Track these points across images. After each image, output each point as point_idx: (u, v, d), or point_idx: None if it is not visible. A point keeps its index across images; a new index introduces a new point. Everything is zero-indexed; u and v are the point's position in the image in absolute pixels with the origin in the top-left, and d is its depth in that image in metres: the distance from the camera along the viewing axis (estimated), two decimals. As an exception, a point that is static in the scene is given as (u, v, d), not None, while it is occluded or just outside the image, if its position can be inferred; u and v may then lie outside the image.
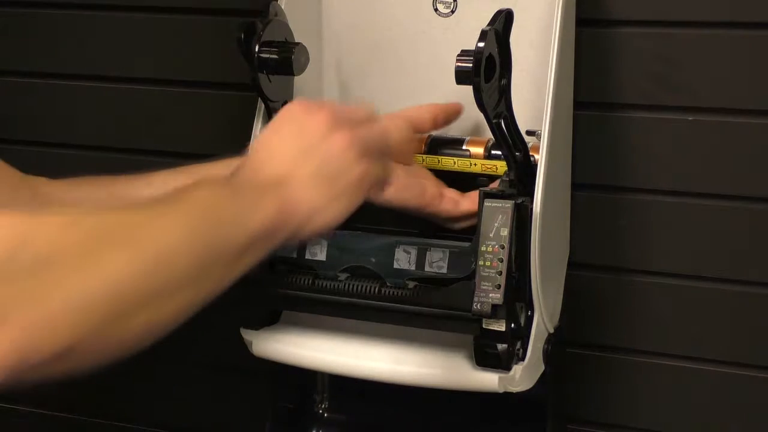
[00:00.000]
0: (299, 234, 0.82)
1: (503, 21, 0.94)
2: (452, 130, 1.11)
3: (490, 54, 0.92)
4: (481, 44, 0.91)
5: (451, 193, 1.05)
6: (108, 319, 0.66)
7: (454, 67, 0.92)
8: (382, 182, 0.88)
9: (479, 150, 1.06)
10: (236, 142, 0.98)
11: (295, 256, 1.05)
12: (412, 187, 1.03)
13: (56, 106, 1.44)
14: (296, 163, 0.82)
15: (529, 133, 1.02)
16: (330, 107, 0.85)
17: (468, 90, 0.92)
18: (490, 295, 0.95)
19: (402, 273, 1.01)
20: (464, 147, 1.07)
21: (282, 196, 0.80)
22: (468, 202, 1.04)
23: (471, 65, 0.91)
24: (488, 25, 0.93)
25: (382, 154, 0.87)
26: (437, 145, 1.08)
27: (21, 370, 0.63)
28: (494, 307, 0.95)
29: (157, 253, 0.70)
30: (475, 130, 1.10)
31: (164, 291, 0.71)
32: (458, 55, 0.92)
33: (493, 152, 1.06)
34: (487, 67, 0.92)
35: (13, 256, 0.63)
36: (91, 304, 0.65)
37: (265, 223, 0.79)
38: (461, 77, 0.92)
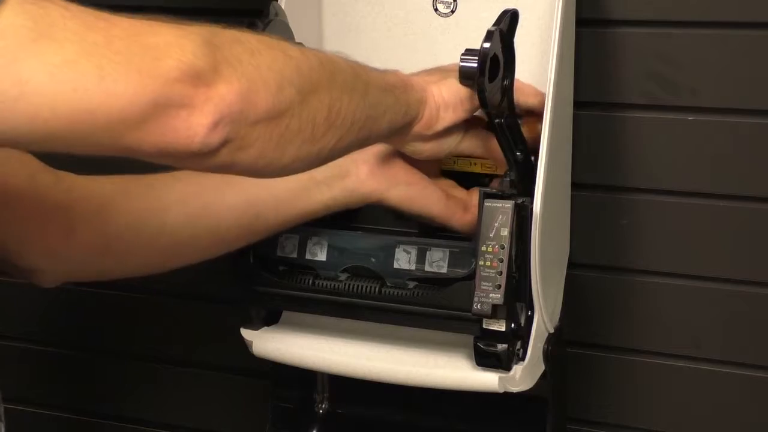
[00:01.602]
0: (437, 119, 0.94)
1: (509, 21, 0.94)
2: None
3: (494, 54, 0.92)
4: (487, 44, 0.91)
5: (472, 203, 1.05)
6: (300, 91, 0.75)
7: (458, 66, 0.92)
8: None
9: None
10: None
11: (295, 256, 1.05)
12: (434, 196, 1.04)
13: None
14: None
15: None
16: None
17: (468, 90, 0.92)
18: (490, 295, 0.95)
19: (402, 273, 1.01)
20: None
21: (422, 92, 0.93)
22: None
23: (476, 65, 0.91)
24: (494, 24, 0.93)
25: None
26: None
27: (245, 122, 0.71)
28: (494, 307, 0.95)
29: (323, 57, 0.81)
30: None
31: (334, 83, 0.80)
32: (462, 54, 0.92)
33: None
34: (491, 67, 0.92)
35: (220, 34, 0.73)
36: (286, 75, 0.74)
37: (402, 79, 0.91)
38: (466, 76, 0.92)
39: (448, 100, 0.94)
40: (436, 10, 1.11)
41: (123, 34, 0.67)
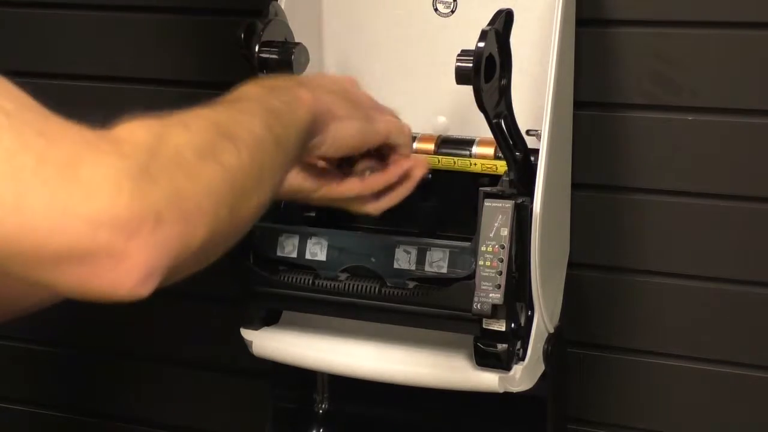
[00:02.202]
0: (324, 130, 0.88)
1: (503, 21, 0.94)
2: (451, 133, 1.11)
3: (490, 54, 0.92)
4: (481, 44, 0.91)
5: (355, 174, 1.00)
6: (233, 207, 0.71)
7: (454, 67, 0.92)
8: (392, 139, 0.95)
9: (489, 151, 1.06)
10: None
11: (295, 256, 1.05)
12: (309, 172, 0.99)
13: (56, 107, 1.44)
14: (323, 84, 0.91)
15: (529, 133, 1.02)
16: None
17: (468, 89, 0.92)
18: (490, 295, 0.95)
19: (402, 273, 1.01)
20: (474, 148, 1.07)
21: (312, 92, 0.86)
22: (373, 179, 0.99)
23: (471, 65, 0.91)
24: (488, 25, 0.93)
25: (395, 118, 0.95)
26: (447, 145, 1.08)
27: (177, 264, 0.65)
28: (494, 307, 0.95)
29: (251, 143, 0.75)
30: (475, 130, 1.10)
31: (262, 177, 0.76)
32: (458, 55, 0.92)
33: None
34: (487, 67, 0.92)
35: (158, 157, 0.66)
36: (221, 194, 0.70)
37: (308, 109, 0.85)
38: (461, 77, 0.92)
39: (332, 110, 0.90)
40: (436, 10, 1.11)
41: (59, 160, 0.61)
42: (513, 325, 0.98)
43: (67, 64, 1.41)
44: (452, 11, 1.10)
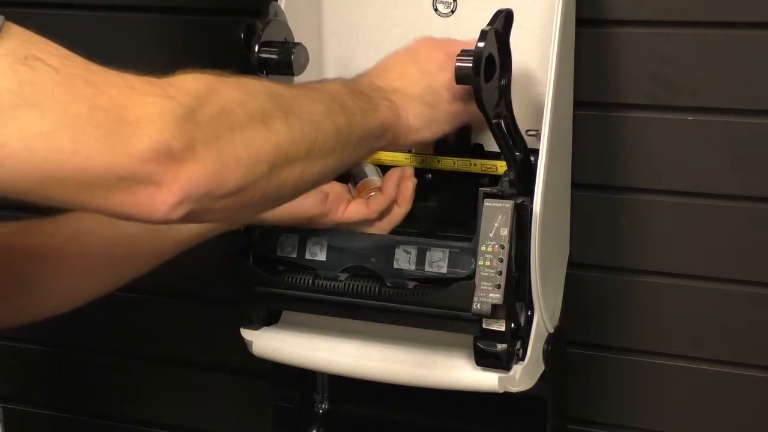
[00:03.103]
0: (397, 142, 0.95)
1: (503, 21, 0.94)
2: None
3: (490, 54, 0.92)
4: (481, 44, 0.91)
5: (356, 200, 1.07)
6: (273, 167, 0.76)
7: (454, 67, 0.92)
8: (475, 120, 1.00)
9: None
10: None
11: (295, 256, 1.05)
12: (317, 199, 1.04)
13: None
14: (409, 82, 0.96)
15: (529, 133, 1.02)
16: (452, 47, 0.98)
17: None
18: (490, 295, 0.95)
19: (402, 273, 1.01)
20: None
21: (393, 104, 0.93)
22: (377, 201, 1.05)
23: (471, 65, 0.91)
24: (488, 24, 0.93)
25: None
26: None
27: (209, 199, 0.71)
28: (494, 307, 0.95)
29: (309, 122, 0.80)
30: (475, 130, 1.10)
31: (311, 153, 0.80)
32: (458, 55, 0.92)
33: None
34: (487, 67, 0.92)
35: (205, 104, 0.72)
36: (262, 154, 0.75)
37: (378, 121, 0.90)
38: (461, 77, 0.92)
39: (415, 125, 0.96)
40: (436, 10, 1.11)
41: (108, 104, 0.68)
42: (513, 325, 0.98)
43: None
44: (452, 11, 1.10)
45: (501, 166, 1.02)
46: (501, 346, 0.98)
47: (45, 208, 0.74)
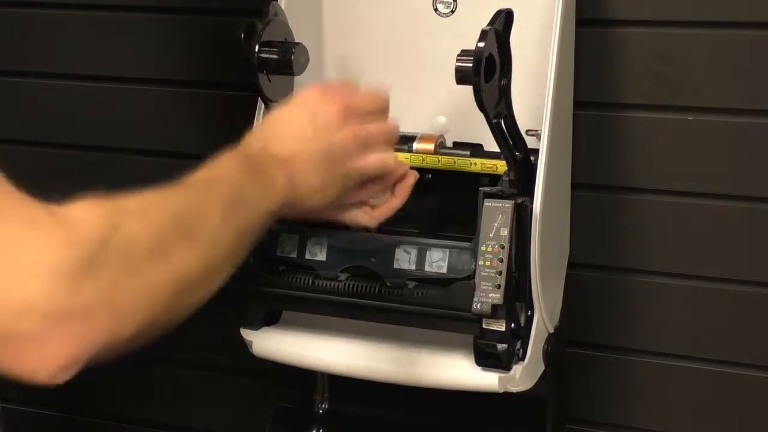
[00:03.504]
0: (292, 210, 0.92)
1: (503, 21, 0.94)
2: (451, 133, 1.11)
3: (490, 54, 0.92)
4: (481, 44, 0.91)
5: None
6: (172, 299, 0.73)
7: (454, 67, 0.92)
8: (376, 173, 0.98)
9: (429, 146, 1.07)
10: (236, 142, 0.98)
11: (295, 256, 1.05)
12: None
13: (56, 107, 1.44)
14: (304, 145, 0.92)
15: (529, 133, 1.02)
16: (345, 99, 0.95)
17: (468, 90, 0.92)
18: (490, 295, 0.95)
19: (402, 273, 1.01)
20: (415, 144, 1.07)
21: (289, 173, 0.90)
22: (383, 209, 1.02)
23: (471, 65, 0.91)
24: (488, 25, 0.93)
25: (383, 148, 0.97)
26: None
27: (104, 351, 0.67)
28: (494, 307, 0.95)
29: (206, 240, 0.77)
30: (475, 130, 1.10)
31: (213, 271, 0.78)
32: (458, 55, 0.92)
33: (442, 150, 1.07)
34: (487, 67, 0.92)
35: (107, 247, 0.66)
36: (162, 293, 0.72)
37: (278, 199, 0.88)
38: (461, 77, 0.92)
39: (308, 193, 0.93)
40: (436, 10, 1.11)
41: (4, 239, 0.62)
42: (513, 325, 0.98)
43: (66, 64, 1.41)
44: (452, 11, 1.10)
45: (501, 166, 1.02)
46: (501, 346, 0.98)
47: None
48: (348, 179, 0.95)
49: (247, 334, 1.09)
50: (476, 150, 1.08)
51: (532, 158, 1.00)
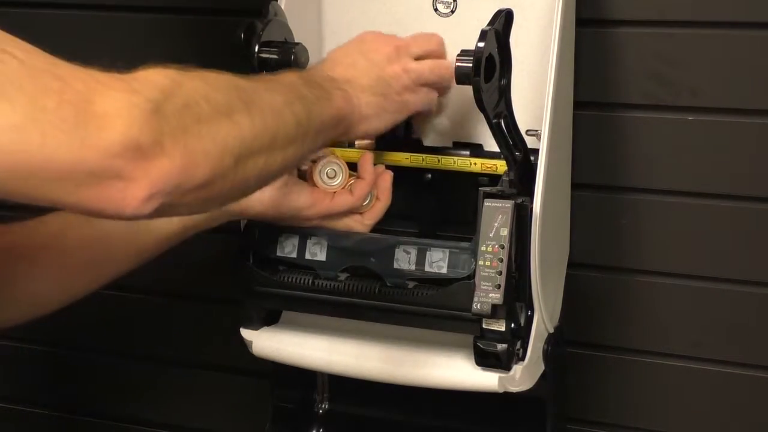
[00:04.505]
0: (350, 132, 0.98)
1: (503, 21, 0.94)
2: (449, 132, 1.11)
3: (490, 54, 0.92)
4: (481, 44, 0.91)
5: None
6: (239, 159, 0.76)
7: (454, 66, 0.92)
8: (423, 110, 1.05)
9: (370, 141, 1.09)
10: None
11: (294, 256, 1.05)
12: (303, 190, 1.04)
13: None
14: (359, 73, 0.99)
15: (529, 133, 1.02)
16: (398, 40, 1.04)
17: (468, 90, 0.92)
18: (490, 295, 0.95)
19: (402, 273, 1.01)
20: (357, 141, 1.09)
21: (346, 93, 0.96)
22: (360, 187, 1.05)
23: (471, 65, 0.91)
24: (488, 24, 0.93)
25: (429, 88, 1.04)
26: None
27: (178, 193, 0.71)
28: (494, 307, 0.95)
29: (268, 113, 0.82)
30: (475, 130, 1.10)
31: (274, 144, 0.82)
32: (458, 55, 0.92)
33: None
34: (487, 67, 0.92)
35: (171, 98, 0.72)
36: (228, 146, 0.75)
37: (334, 110, 0.93)
38: (461, 77, 0.92)
39: (367, 114, 0.99)
40: (436, 10, 1.11)
41: (75, 98, 0.68)
42: (513, 325, 0.98)
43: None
44: (452, 11, 1.10)
45: (501, 166, 1.02)
46: (501, 346, 0.98)
47: (35, 208, 0.74)
48: (402, 109, 1.02)
49: (247, 334, 1.09)
50: (476, 150, 1.08)
51: (532, 158, 1.00)
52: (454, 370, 1.01)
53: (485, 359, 0.99)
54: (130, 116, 0.68)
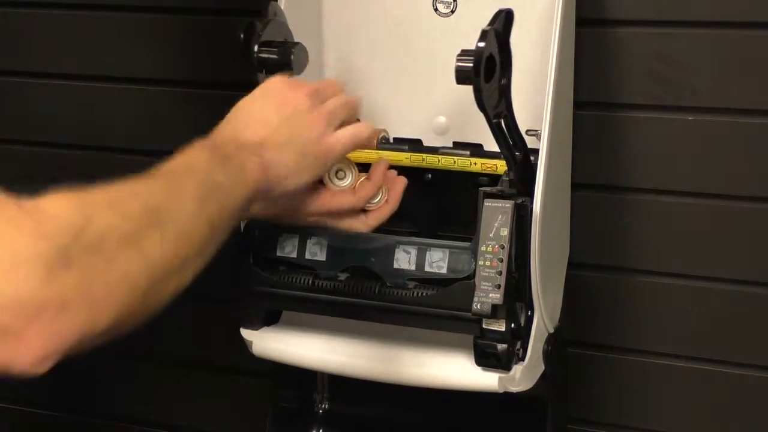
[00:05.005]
0: (269, 195, 0.92)
1: (503, 21, 0.94)
2: (449, 132, 1.11)
3: (490, 54, 0.92)
4: (482, 44, 0.91)
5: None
6: (147, 292, 0.73)
7: (454, 67, 0.92)
8: (356, 146, 1.00)
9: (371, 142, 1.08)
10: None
11: (294, 256, 1.05)
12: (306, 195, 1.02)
13: (56, 107, 1.44)
14: (274, 130, 0.93)
15: (529, 133, 1.02)
16: (309, 85, 0.98)
17: (468, 89, 0.92)
18: (490, 295, 0.95)
19: (402, 273, 1.01)
20: None
21: (262, 159, 0.90)
22: (364, 188, 1.03)
23: (471, 65, 0.91)
24: (488, 24, 0.93)
25: (349, 119, 0.99)
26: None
27: (81, 344, 0.67)
28: (494, 307, 0.95)
29: (179, 232, 0.77)
30: (475, 130, 1.10)
31: (186, 261, 0.78)
32: (458, 55, 0.92)
33: (385, 146, 1.09)
34: (487, 67, 0.92)
35: (80, 239, 0.67)
36: (136, 283, 0.71)
37: (252, 185, 0.88)
38: (461, 77, 0.92)
39: (285, 174, 0.93)
40: (436, 10, 1.11)
41: None
42: (513, 325, 0.98)
43: (65, 64, 1.41)
44: (452, 11, 1.10)
45: (501, 166, 1.02)
46: (501, 346, 0.98)
47: None
48: (326, 155, 0.96)
49: (247, 334, 1.09)
50: (476, 150, 1.08)
51: (532, 158, 1.00)
52: (454, 370, 1.01)
53: (485, 359, 0.99)
54: (31, 268, 0.63)
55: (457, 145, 1.10)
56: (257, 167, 0.89)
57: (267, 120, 0.94)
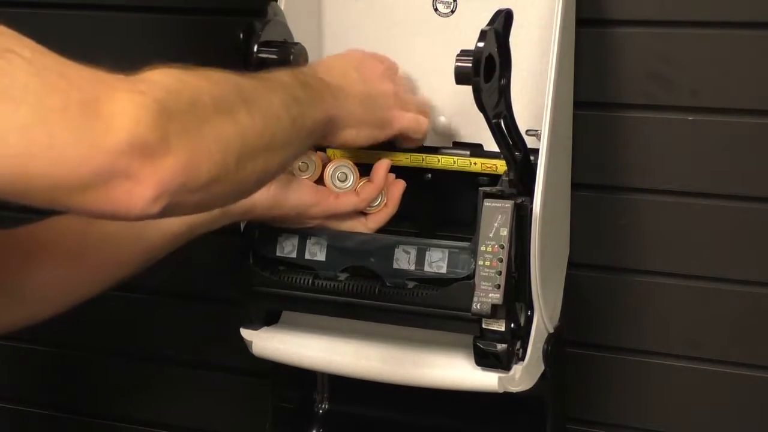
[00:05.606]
0: (330, 137, 0.98)
1: (503, 21, 0.94)
2: (449, 132, 1.11)
3: (489, 54, 0.92)
4: (481, 44, 0.91)
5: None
6: (240, 159, 0.77)
7: (454, 67, 0.92)
8: (410, 133, 1.06)
9: None
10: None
11: (294, 256, 1.05)
12: (308, 188, 1.04)
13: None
14: (350, 83, 1.00)
15: (529, 133, 1.02)
16: (388, 62, 1.07)
17: (468, 89, 0.92)
18: (490, 295, 0.95)
19: (402, 273, 1.01)
20: None
21: (336, 100, 0.96)
22: (367, 189, 1.05)
23: (470, 65, 0.91)
24: (488, 24, 0.93)
25: (418, 115, 1.06)
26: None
27: (183, 192, 0.72)
28: (494, 307, 0.95)
29: (267, 112, 0.82)
30: (475, 130, 1.10)
31: (272, 144, 0.82)
32: (458, 55, 0.92)
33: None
34: (487, 67, 0.92)
35: (176, 98, 0.72)
36: (230, 146, 0.76)
37: (324, 113, 0.93)
38: (461, 77, 0.92)
39: (350, 123, 0.99)
40: (436, 10, 1.11)
41: (82, 98, 0.67)
42: (512, 325, 0.98)
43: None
44: (452, 11, 1.10)
45: (501, 166, 1.02)
46: (501, 346, 0.98)
47: (42, 210, 0.73)
48: (385, 125, 1.03)
49: (247, 334, 1.09)
50: (476, 150, 1.08)
51: (532, 158, 1.00)
52: (454, 370, 1.01)
53: (485, 359, 0.99)
54: (137, 116, 0.68)
55: (457, 145, 1.10)
56: (332, 100, 0.95)
57: (345, 72, 1.01)
